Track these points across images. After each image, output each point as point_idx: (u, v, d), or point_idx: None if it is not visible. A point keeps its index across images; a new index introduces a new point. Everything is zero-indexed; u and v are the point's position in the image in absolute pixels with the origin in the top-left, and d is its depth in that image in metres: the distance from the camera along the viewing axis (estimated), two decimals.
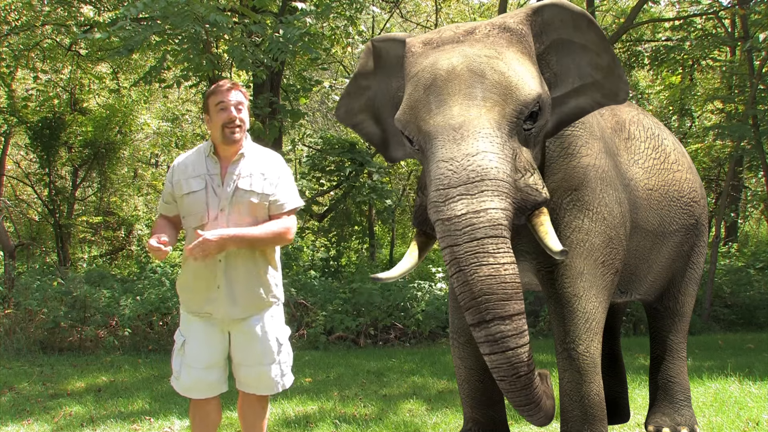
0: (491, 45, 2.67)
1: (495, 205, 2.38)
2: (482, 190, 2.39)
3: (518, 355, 2.39)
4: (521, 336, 2.40)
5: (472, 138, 2.45)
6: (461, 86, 2.55)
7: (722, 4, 12.09)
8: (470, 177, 2.40)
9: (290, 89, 10.21)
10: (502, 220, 2.39)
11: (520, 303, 2.40)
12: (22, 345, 7.48)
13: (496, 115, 2.51)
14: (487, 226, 2.36)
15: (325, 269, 10.74)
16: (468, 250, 2.36)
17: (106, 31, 7.59)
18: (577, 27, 2.80)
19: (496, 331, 2.36)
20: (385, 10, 13.49)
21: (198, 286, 3.03)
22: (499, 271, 2.36)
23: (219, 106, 2.98)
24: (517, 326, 2.38)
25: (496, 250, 2.36)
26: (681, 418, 3.80)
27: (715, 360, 6.75)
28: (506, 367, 2.40)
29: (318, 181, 12.08)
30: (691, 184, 3.74)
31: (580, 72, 2.84)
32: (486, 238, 2.36)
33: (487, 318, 2.36)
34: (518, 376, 2.42)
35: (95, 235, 14.53)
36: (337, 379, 6.15)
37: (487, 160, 2.42)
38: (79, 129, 13.09)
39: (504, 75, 2.57)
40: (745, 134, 9.87)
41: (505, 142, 2.50)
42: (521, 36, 2.73)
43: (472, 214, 2.37)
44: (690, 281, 3.92)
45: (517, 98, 2.55)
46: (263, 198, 3.02)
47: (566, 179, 2.98)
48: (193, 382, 3.07)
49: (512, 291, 2.38)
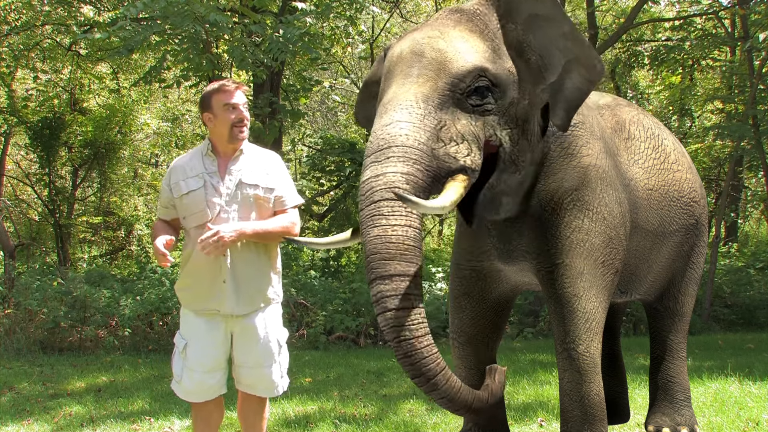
0: (437, 27, 2.75)
1: (395, 169, 2.41)
2: (388, 157, 2.44)
3: (397, 318, 2.31)
4: (404, 299, 2.32)
5: (392, 110, 2.54)
6: (402, 68, 2.66)
7: (722, 4, 12.09)
8: (380, 145, 2.48)
9: (290, 89, 10.21)
10: (400, 183, 2.39)
11: (404, 265, 2.34)
12: (22, 345, 7.48)
13: (426, 89, 2.57)
14: (383, 188, 2.39)
15: (325, 269, 10.74)
16: (367, 212, 2.40)
17: (106, 31, 7.59)
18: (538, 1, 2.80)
19: (376, 291, 2.34)
20: (385, 10, 13.49)
21: (203, 282, 3.03)
22: (386, 231, 2.35)
23: (227, 106, 3.02)
24: (395, 287, 2.32)
25: (391, 212, 2.37)
26: (681, 418, 3.80)
27: (715, 360, 6.74)
28: (387, 329, 2.34)
29: (318, 181, 12.08)
30: (691, 184, 3.74)
31: (558, 46, 2.81)
32: (382, 200, 2.38)
33: (371, 277, 2.36)
34: (399, 340, 2.33)
35: (95, 235, 14.52)
36: (337, 379, 6.15)
37: (398, 128, 2.49)
38: (79, 129, 13.08)
39: (441, 51, 2.63)
40: (745, 134, 9.86)
41: (429, 114, 2.53)
42: (473, 15, 2.77)
43: (372, 178, 2.43)
44: (690, 281, 3.92)
45: (449, 71, 2.59)
46: (267, 192, 3.07)
47: (566, 179, 2.98)
48: (195, 385, 3.07)
49: (396, 251, 2.34)
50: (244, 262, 3.03)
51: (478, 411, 2.52)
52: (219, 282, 3.01)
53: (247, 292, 3.05)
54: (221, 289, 3.01)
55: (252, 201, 3.03)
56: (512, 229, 3.04)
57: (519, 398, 5.20)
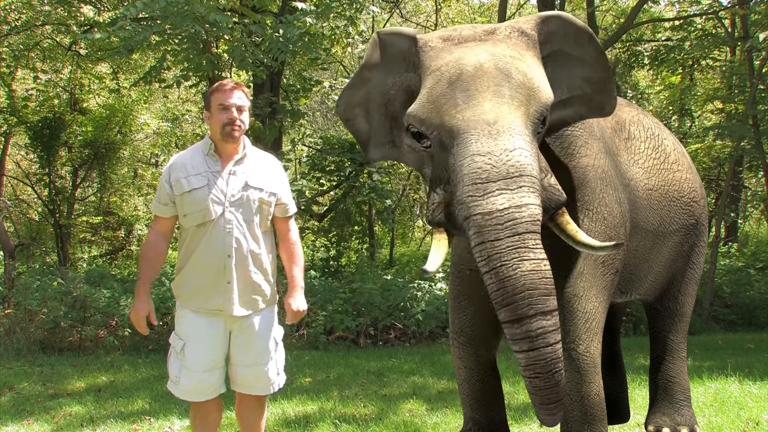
0: (513, 47, 2.69)
1: (533, 201, 2.38)
2: (521, 186, 2.37)
3: (556, 351, 2.36)
4: (558, 332, 2.38)
5: (508, 134, 2.44)
6: (489, 83, 2.53)
7: (722, 4, 12.09)
8: (510, 172, 2.38)
9: (290, 89, 10.21)
10: (540, 216, 2.40)
11: (555, 299, 2.39)
12: (22, 345, 7.48)
13: (522, 114, 2.52)
14: (528, 221, 2.35)
15: (325, 269, 10.74)
16: (510, 245, 2.33)
17: (106, 31, 7.59)
18: (578, 41, 2.84)
19: (537, 327, 2.33)
20: (385, 10, 13.50)
21: (206, 282, 3.03)
22: (539, 267, 2.34)
23: (221, 106, 3.02)
24: (556, 322, 2.36)
25: (536, 245, 2.35)
26: (681, 418, 3.80)
27: (715, 360, 6.75)
28: (543, 363, 2.36)
29: (318, 181, 12.06)
30: (691, 184, 3.74)
31: (570, 84, 2.88)
32: (528, 233, 2.34)
33: (530, 313, 2.33)
34: (553, 372, 2.37)
35: (95, 235, 14.53)
36: (337, 379, 6.15)
37: (524, 156, 2.42)
38: (79, 129, 13.09)
39: (527, 77, 2.58)
40: (745, 134, 9.86)
41: (533, 142, 2.52)
42: (534, 42, 2.77)
43: (514, 208, 2.35)
44: (690, 281, 3.92)
45: (539, 100, 2.56)
46: (272, 196, 3.08)
47: (566, 179, 2.98)
48: (194, 385, 3.06)
49: (551, 287, 2.36)
50: (248, 263, 3.03)
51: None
52: (223, 282, 3.01)
53: (251, 293, 3.05)
54: (226, 290, 3.01)
55: (256, 204, 3.04)
56: None
57: (519, 398, 5.20)
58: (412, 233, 18.69)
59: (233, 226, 3.00)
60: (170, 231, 3.18)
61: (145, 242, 3.19)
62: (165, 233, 3.15)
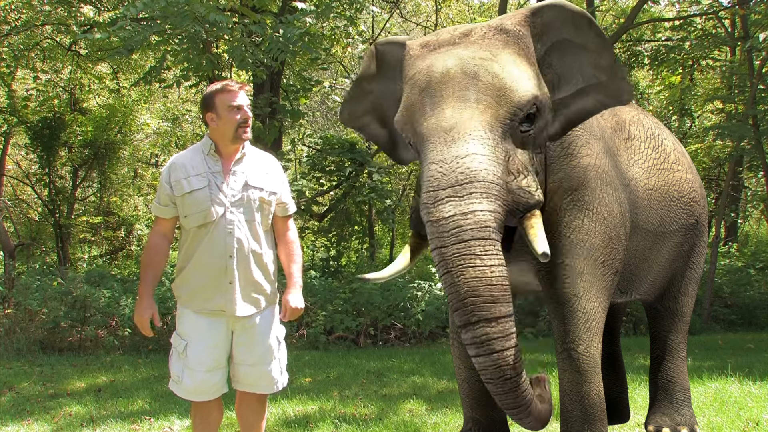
0: (486, 47, 2.66)
1: (483, 207, 2.38)
2: (470, 192, 2.38)
3: (504, 358, 2.36)
4: (507, 338, 2.37)
5: (462, 140, 2.45)
6: (455, 88, 2.55)
7: (722, 4, 12.09)
8: (458, 179, 2.40)
9: (290, 89, 10.21)
10: (490, 222, 2.38)
11: (507, 305, 2.38)
12: (22, 345, 7.48)
13: (488, 117, 2.50)
14: (474, 228, 2.35)
15: (325, 269, 10.73)
16: (455, 251, 2.35)
17: (106, 31, 7.60)
18: (578, 27, 2.79)
19: (481, 333, 2.34)
20: (385, 10, 13.49)
21: (207, 282, 3.02)
22: (485, 273, 2.34)
23: (232, 107, 3.02)
24: (503, 329, 2.35)
25: (483, 252, 2.35)
26: (681, 418, 3.80)
27: (715, 360, 6.75)
28: (492, 369, 2.38)
29: (318, 181, 12.06)
30: (691, 184, 3.74)
31: (583, 73, 2.84)
32: (473, 240, 2.35)
33: (473, 320, 2.35)
34: (504, 378, 2.38)
35: (95, 235, 14.54)
36: (337, 379, 6.15)
37: (476, 162, 2.41)
38: (79, 129, 13.09)
39: (498, 77, 2.56)
40: (745, 134, 9.87)
41: (497, 144, 2.49)
42: (518, 37, 2.72)
43: (459, 216, 2.36)
44: (690, 281, 3.92)
45: (511, 100, 2.54)
46: (272, 195, 3.09)
47: (566, 179, 2.98)
48: (197, 385, 3.06)
49: (498, 293, 2.35)
50: (250, 263, 3.03)
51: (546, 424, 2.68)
52: (225, 283, 3.01)
53: (253, 293, 3.05)
54: (227, 290, 3.01)
55: (257, 203, 3.04)
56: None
57: None
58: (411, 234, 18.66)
59: (234, 226, 2.99)
60: (171, 232, 3.18)
61: (146, 244, 3.19)
62: (166, 234, 3.15)
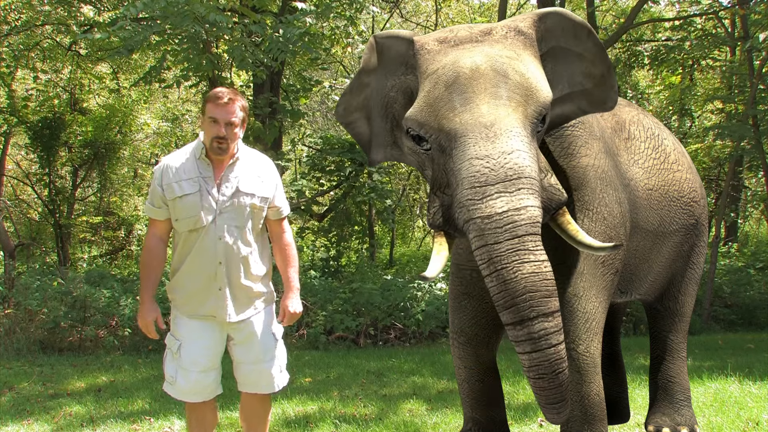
0: (510, 47, 2.68)
1: (533, 203, 2.39)
2: (519, 188, 2.38)
3: (559, 352, 2.39)
4: (561, 332, 2.40)
5: (506, 136, 2.44)
6: (486, 85, 2.53)
7: (722, 4, 12.09)
8: (508, 175, 2.39)
9: (290, 89, 10.21)
10: (540, 218, 2.41)
11: (557, 300, 2.40)
12: (22, 345, 7.48)
13: (520, 115, 2.52)
14: (528, 223, 2.36)
15: (325, 269, 10.73)
16: (510, 247, 2.34)
17: (106, 31, 7.60)
18: (577, 36, 2.83)
19: (540, 329, 2.35)
20: (385, 10, 13.50)
21: (197, 288, 3.01)
22: (540, 268, 2.36)
23: (210, 119, 2.95)
24: (558, 323, 2.38)
25: (536, 247, 2.36)
26: (681, 418, 3.80)
27: (715, 360, 6.75)
28: (547, 364, 2.38)
29: (318, 181, 12.06)
30: (691, 184, 3.74)
31: (570, 80, 2.87)
32: (527, 235, 2.35)
33: (531, 315, 2.34)
34: (557, 373, 2.40)
35: (95, 235, 14.53)
36: (337, 379, 6.15)
37: (522, 158, 2.42)
38: (79, 129, 13.09)
39: (524, 76, 2.58)
40: (745, 134, 9.87)
41: (532, 142, 2.52)
42: (532, 40, 2.76)
43: (513, 211, 2.36)
44: (690, 281, 3.92)
45: (537, 100, 2.56)
46: (264, 201, 3.04)
47: (566, 179, 2.98)
48: (191, 386, 3.06)
49: (553, 288, 2.38)
50: (240, 270, 3.01)
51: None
52: (215, 289, 2.99)
53: (245, 298, 3.04)
54: (217, 297, 2.99)
55: (248, 210, 3.00)
56: None
57: (519, 398, 5.20)
58: (412, 233, 18.69)
59: (224, 232, 2.96)
60: (167, 233, 3.15)
61: (143, 248, 3.17)
62: (162, 236, 3.12)
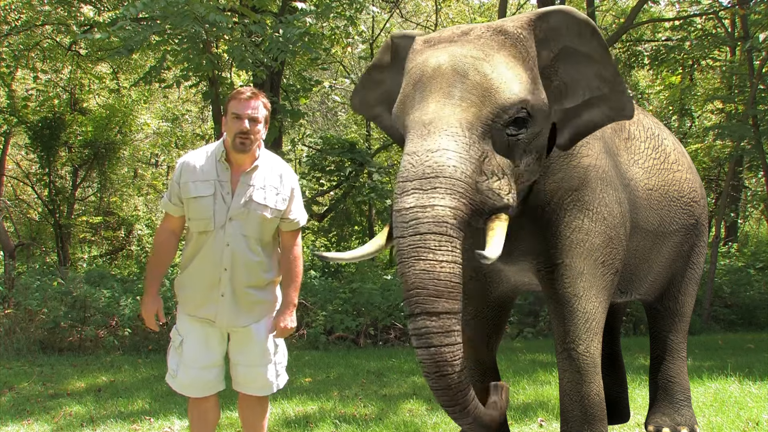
0: (481, 47, 2.66)
1: (443, 203, 2.38)
2: (435, 187, 2.38)
3: (441, 354, 2.33)
4: (447, 335, 2.34)
5: (437, 135, 2.46)
6: (442, 84, 2.57)
7: (722, 4, 12.09)
8: (425, 172, 2.41)
9: (290, 89, 10.21)
10: (448, 218, 2.37)
11: (452, 303, 2.36)
12: (22, 345, 7.48)
13: (470, 115, 2.51)
14: (430, 221, 2.35)
15: (325, 269, 10.73)
16: (411, 243, 2.35)
17: (106, 31, 7.60)
18: (582, 35, 2.77)
19: (422, 326, 2.33)
20: (385, 10, 13.50)
21: (200, 290, 3.02)
22: (434, 267, 2.34)
23: (234, 115, 2.95)
24: (443, 324, 2.33)
25: (437, 246, 2.34)
26: (681, 418, 3.80)
27: (715, 360, 6.75)
28: (428, 363, 2.35)
29: (318, 181, 12.07)
30: (691, 184, 3.74)
31: (589, 84, 2.81)
32: (429, 233, 2.34)
33: (416, 312, 2.34)
34: (440, 375, 2.35)
35: (95, 235, 14.54)
36: (337, 379, 6.15)
37: (445, 157, 2.42)
38: (79, 129, 13.10)
39: (486, 77, 2.56)
40: (745, 134, 9.87)
41: (474, 143, 2.49)
42: (517, 40, 2.70)
43: (419, 208, 2.37)
44: (690, 281, 3.92)
45: (495, 101, 2.54)
46: (276, 213, 3.02)
47: (566, 179, 2.98)
48: (190, 380, 3.08)
49: (444, 289, 2.34)
50: (244, 278, 3.00)
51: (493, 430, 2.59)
52: (216, 295, 2.99)
53: (246, 305, 3.03)
54: (217, 302, 2.99)
55: (259, 219, 2.99)
56: (513, 229, 3.04)
57: (519, 398, 5.20)
58: None
59: (232, 239, 2.96)
60: (180, 228, 3.16)
61: (154, 240, 3.19)
62: (174, 231, 3.15)
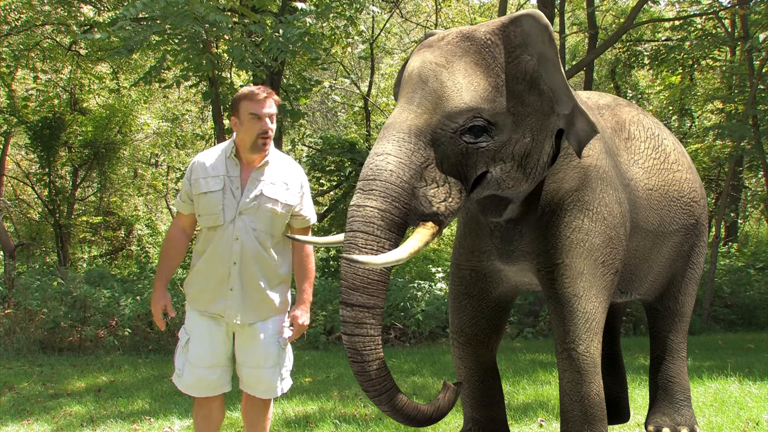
0: (445, 53, 2.70)
1: (373, 205, 2.51)
2: (372, 189, 2.53)
3: (353, 342, 2.53)
4: (358, 326, 2.52)
5: (386, 139, 2.60)
6: (409, 90, 2.70)
7: (722, 4, 12.09)
8: (367, 174, 2.57)
9: (290, 89, 10.21)
10: (376, 219, 2.50)
11: (366, 297, 2.52)
12: (22, 345, 7.48)
13: (421, 122, 2.59)
14: (359, 221, 2.52)
15: (325, 269, 10.73)
16: (347, 238, 2.55)
17: (106, 31, 7.60)
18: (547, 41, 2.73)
19: (342, 314, 2.55)
20: (385, 10, 13.50)
21: (209, 285, 3.03)
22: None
23: (253, 116, 2.97)
24: (355, 316, 2.52)
25: (364, 244, 2.50)
26: (681, 418, 3.80)
27: (715, 360, 6.74)
28: (347, 347, 2.56)
29: (318, 181, 12.07)
30: (691, 184, 3.74)
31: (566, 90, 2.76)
32: (357, 231, 2.51)
33: (340, 300, 2.58)
34: (354, 361, 2.56)
35: (95, 235, 14.53)
36: (337, 379, 6.15)
37: (385, 162, 2.55)
38: (79, 129, 13.09)
39: (442, 84, 2.62)
40: (745, 134, 9.87)
41: (418, 150, 2.57)
42: (483, 46, 2.68)
43: (354, 207, 2.55)
44: (690, 281, 3.92)
45: (443, 109, 2.60)
46: (286, 208, 3.05)
47: (566, 179, 2.98)
48: (195, 380, 3.08)
49: (361, 284, 2.52)
50: (254, 273, 3.01)
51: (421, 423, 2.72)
52: (226, 289, 3.00)
53: (254, 302, 3.04)
54: (226, 297, 3.01)
55: (269, 214, 3.02)
56: (513, 229, 3.05)
57: (519, 398, 5.20)
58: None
59: (242, 233, 2.98)
60: (191, 227, 3.20)
61: (165, 237, 3.23)
62: (185, 229, 3.18)
